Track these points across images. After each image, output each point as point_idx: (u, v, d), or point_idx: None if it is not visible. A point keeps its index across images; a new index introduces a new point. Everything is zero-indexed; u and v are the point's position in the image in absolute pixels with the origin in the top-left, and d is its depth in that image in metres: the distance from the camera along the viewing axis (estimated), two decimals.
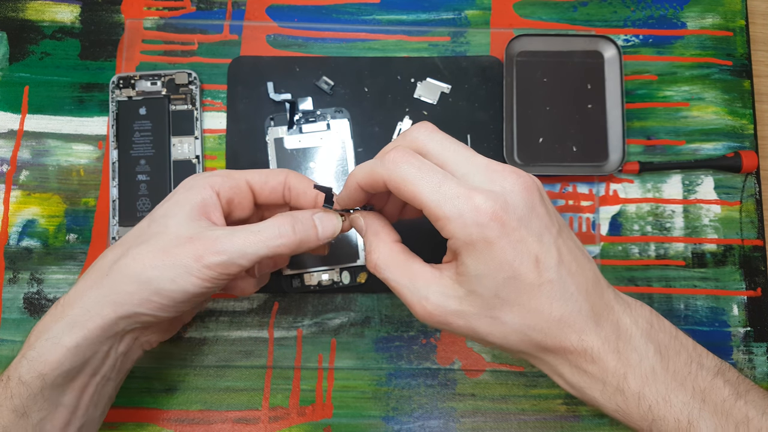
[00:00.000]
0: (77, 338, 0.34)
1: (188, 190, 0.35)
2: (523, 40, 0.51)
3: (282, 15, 0.52)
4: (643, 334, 0.31)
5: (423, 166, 0.31)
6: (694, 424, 0.30)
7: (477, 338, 0.32)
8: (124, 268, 0.34)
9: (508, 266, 0.30)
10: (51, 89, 0.51)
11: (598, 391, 0.31)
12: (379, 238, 0.35)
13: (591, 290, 0.31)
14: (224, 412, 0.47)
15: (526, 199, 0.30)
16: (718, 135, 0.51)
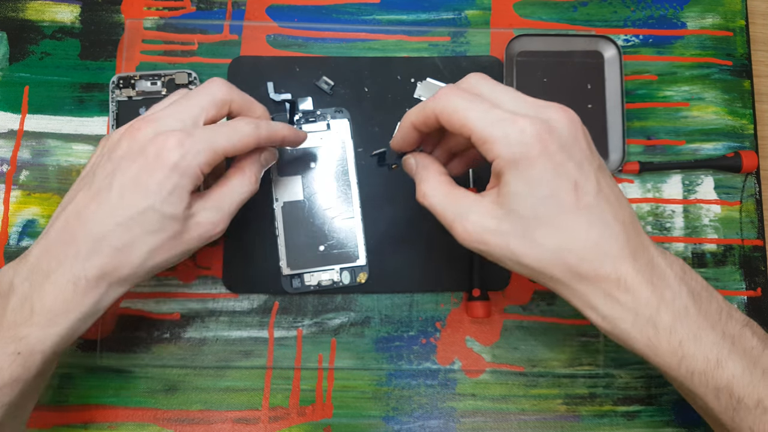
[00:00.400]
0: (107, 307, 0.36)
1: (182, 176, 0.35)
2: (523, 40, 0.51)
3: (282, 15, 0.52)
4: (676, 276, 0.32)
5: (473, 97, 0.33)
6: (723, 364, 0.30)
7: (513, 259, 0.33)
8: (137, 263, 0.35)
9: (547, 185, 0.31)
10: (51, 89, 0.51)
11: (630, 323, 0.31)
12: (428, 170, 0.37)
13: (628, 224, 0.32)
14: (224, 412, 0.47)
15: (569, 129, 0.32)
16: (718, 135, 0.51)
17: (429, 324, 0.48)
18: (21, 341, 0.34)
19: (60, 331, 0.34)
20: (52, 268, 0.34)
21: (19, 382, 0.34)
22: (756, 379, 0.31)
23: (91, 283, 0.35)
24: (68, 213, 0.36)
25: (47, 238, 0.36)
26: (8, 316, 0.34)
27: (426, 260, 0.48)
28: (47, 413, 0.46)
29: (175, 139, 0.34)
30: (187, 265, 0.48)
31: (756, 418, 0.31)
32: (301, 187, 0.48)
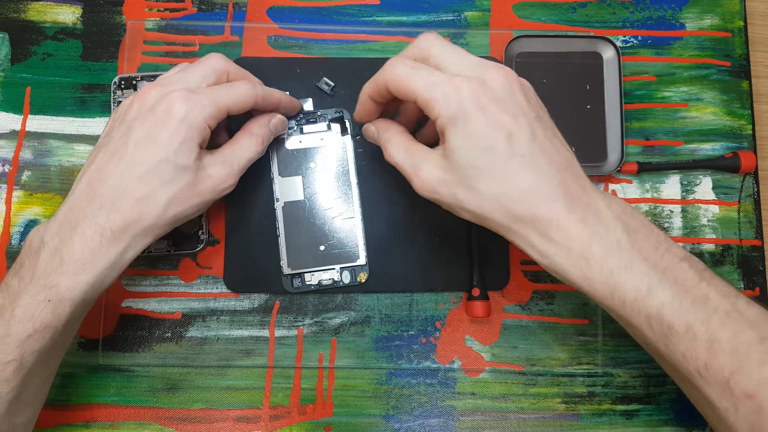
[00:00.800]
0: (131, 259, 0.39)
1: (189, 131, 0.38)
2: (523, 41, 0.51)
3: (283, 16, 0.52)
4: (613, 214, 0.34)
5: (415, 65, 0.36)
6: (653, 293, 0.32)
7: (459, 207, 0.36)
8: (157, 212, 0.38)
9: (483, 138, 0.34)
10: (53, 90, 0.51)
11: (564, 257, 0.34)
12: (390, 131, 0.40)
13: (563, 169, 0.35)
14: (225, 410, 0.47)
15: (503, 85, 0.35)
16: (717, 135, 0.51)
17: (429, 323, 0.48)
18: (51, 289, 0.36)
19: (88, 279, 0.37)
20: (79, 221, 0.37)
21: (50, 329, 0.36)
22: (685, 307, 0.32)
23: (116, 233, 0.37)
24: (90, 173, 0.38)
25: (72, 198, 0.38)
26: (39, 267, 0.36)
27: (426, 260, 0.48)
28: (49, 412, 0.46)
29: (182, 96, 0.38)
30: (188, 264, 0.49)
31: (687, 344, 0.32)
32: (302, 187, 0.49)
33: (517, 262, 0.49)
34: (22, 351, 0.35)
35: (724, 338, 0.31)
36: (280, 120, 0.45)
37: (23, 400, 0.37)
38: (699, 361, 0.32)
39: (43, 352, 0.36)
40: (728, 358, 0.31)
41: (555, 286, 0.49)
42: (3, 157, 0.50)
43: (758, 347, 0.31)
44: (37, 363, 0.36)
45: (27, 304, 0.35)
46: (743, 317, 0.32)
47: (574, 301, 0.49)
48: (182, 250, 0.48)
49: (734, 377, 0.31)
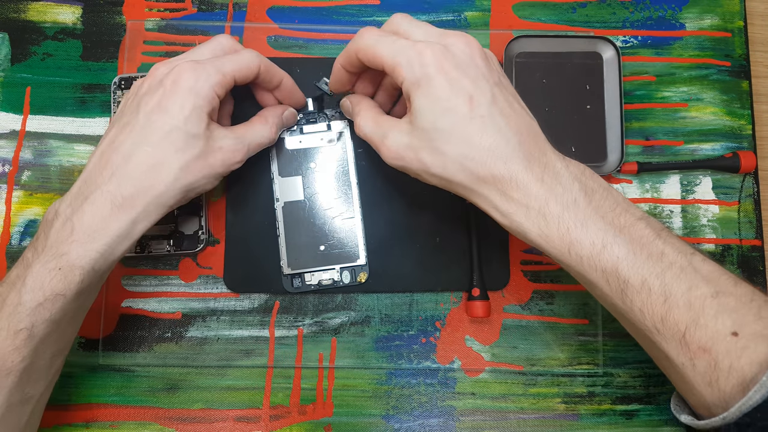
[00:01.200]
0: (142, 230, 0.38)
1: (197, 99, 0.38)
2: (522, 42, 0.51)
3: (283, 16, 0.52)
4: (571, 175, 0.35)
5: (382, 33, 0.38)
6: (608, 248, 0.33)
7: (425, 170, 0.37)
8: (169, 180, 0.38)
9: (445, 100, 0.35)
10: (53, 90, 0.51)
11: (523, 215, 0.35)
12: (360, 105, 0.42)
13: (523, 132, 0.36)
14: (225, 410, 0.47)
15: (464, 51, 0.36)
16: (717, 135, 0.51)
17: (429, 323, 0.48)
18: (62, 257, 0.36)
19: (98, 248, 0.37)
20: (91, 190, 0.38)
21: (60, 298, 0.36)
22: (641, 261, 0.33)
23: (127, 200, 0.37)
24: (103, 146, 0.39)
25: (86, 171, 0.39)
26: (51, 237, 0.37)
27: (426, 260, 0.48)
28: (49, 412, 0.46)
29: (188, 67, 0.39)
30: (188, 264, 0.49)
31: (643, 298, 0.33)
32: (302, 187, 0.49)
33: (517, 262, 0.49)
34: (32, 319, 0.35)
35: (679, 292, 0.32)
36: (291, 113, 0.47)
37: (35, 371, 0.37)
38: (655, 316, 0.32)
39: (54, 321, 0.36)
40: (683, 312, 0.32)
41: (555, 286, 0.49)
42: (3, 157, 0.50)
43: (712, 301, 0.31)
44: (48, 333, 0.36)
45: (38, 273, 0.35)
46: (698, 272, 0.32)
47: (574, 301, 0.49)
48: (182, 250, 0.48)
49: (689, 331, 0.32)
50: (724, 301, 0.32)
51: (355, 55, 0.39)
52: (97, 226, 0.37)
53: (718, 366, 0.31)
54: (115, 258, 0.38)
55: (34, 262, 0.36)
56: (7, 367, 0.35)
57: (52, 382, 0.40)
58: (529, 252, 0.50)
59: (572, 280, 0.49)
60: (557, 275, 0.49)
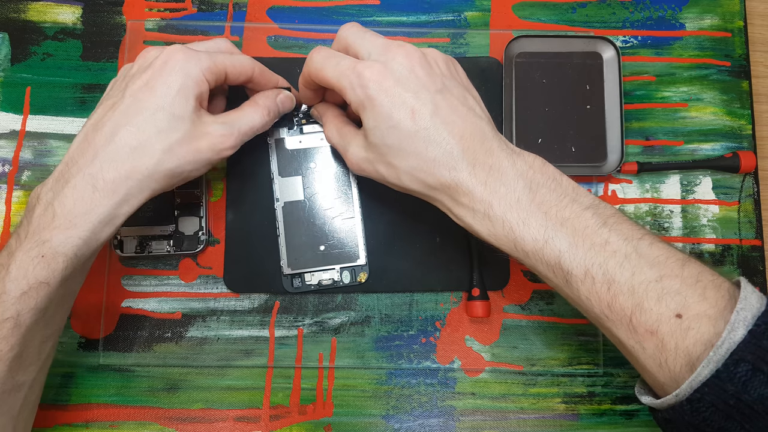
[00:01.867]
0: (125, 216, 0.38)
1: (186, 80, 0.38)
2: (523, 42, 0.51)
3: (283, 16, 0.52)
4: (517, 173, 0.36)
5: (328, 54, 0.39)
6: (550, 242, 0.34)
7: (383, 181, 0.39)
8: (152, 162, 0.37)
9: (388, 118, 0.36)
10: (53, 90, 0.51)
11: (471, 218, 0.36)
12: (327, 114, 0.44)
13: (467, 137, 0.36)
14: (225, 410, 0.47)
15: (403, 64, 0.37)
16: (717, 135, 0.51)
17: (429, 323, 0.48)
18: (44, 244, 0.35)
19: (81, 234, 0.36)
20: (73, 174, 0.37)
21: (44, 286, 0.35)
22: (582, 252, 0.34)
23: (109, 184, 0.37)
24: (87, 127, 0.39)
25: (69, 153, 0.38)
26: (33, 223, 0.36)
27: (426, 260, 0.48)
28: (49, 412, 0.46)
29: (180, 49, 0.39)
30: (188, 264, 0.49)
31: (588, 287, 0.34)
32: (302, 188, 0.49)
33: (517, 262, 0.49)
34: (18, 308, 0.35)
35: (622, 279, 0.33)
36: (287, 96, 0.45)
37: (25, 359, 0.37)
38: (602, 303, 0.33)
39: (39, 309, 0.36)
40: (627, 297, 0.33)
41: None
42: (3, 157, 0.50)
43: (656, 285, 0.32)
44: (35, 321, 0.36)
45: (21, 261, 0.35)
46: (643, 258, 0.33)
47: None
48: (182, 251, 0.48)
49: (635, 315, 0.32)
50: (668, 284, 0.32)
51: (309, 76, 0.41)
52: (79, 212, 0.36)
53: (665, 347, 0.32)
54: (99, 243, 0.37)
55: (17, 249, 0.36)
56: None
57: (45, 366, 0.40)
58: None
59: None
60: None
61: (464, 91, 0.39)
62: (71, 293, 0.40)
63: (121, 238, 0.48)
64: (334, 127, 0.42)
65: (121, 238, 0.48)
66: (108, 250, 0.48)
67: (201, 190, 0.49)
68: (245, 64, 0.42)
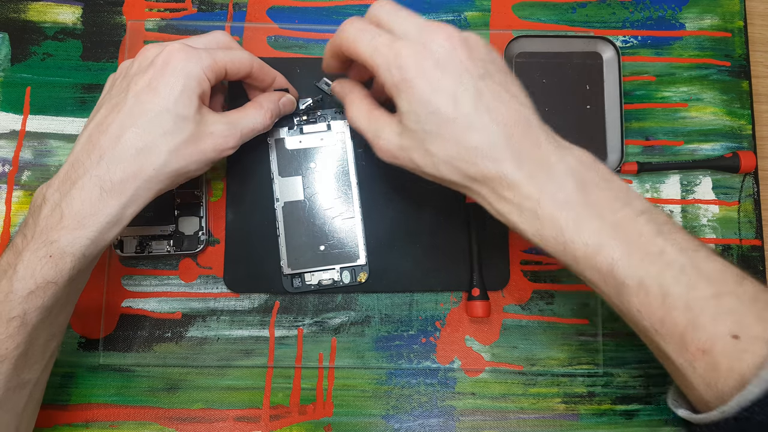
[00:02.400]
0: (132, 215, 0.38)
1: (189, 81, 0.38)
2: (522, 42, 0.51)
3: (283, 16, 0.52)
4: (566, 169, 0.33)
5: (362, 26, 0.37)
6: (603, 249, 0.32)
7: (418, 170, 0.37)
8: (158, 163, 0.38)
9: (427, 102, 0.34)
10: (53, 90, 0.51)
11: (517, 215, 0.34)
12: (353, 94, 0.41)
13: (512, 125, 0.34)
14: (225, 410, 0.47)
15: (444, 46, 0.34)
16: (717, 135, 0.51)
17: (429, 323, 0.48)
18: (52, 245, 0.36)
19: (89, 234, 0.36)
20: (79, 175, 0.37)
21: (51, 285, 0.36)
22: (637, 262, 0.32)
23: (116, 185, 0.37)
24: (90, 128, 0.39)
25: (73, 154, 0.38)
26: (40, 223, 0.36)
27: (426, 260, 0.48)
28: (49, 412, 0.46)
29: (180, 48, 0.39)
30: (188, 264, 0.49)
31: (641, 299, 0.32)
32: (302, 187, 0.49)
33: (517, 262, 0.49)
34: (24, 307, 0.35)
35: (678, 293, 0.31)
36: (289, 99, 0.46)
37: (30, 357, 0.37)
38: (654, 317, 0.32)
39: (46, 308, 0.36)
40: (682, 313, 0.31)
41: (555, 286, 0.49)
42: (3, 157, 0.50)
43: (712, 302, 0.31)
44: (41, 320, 0.36)
45: (29, 261, 0.35)
46: (700, 272, 0.31)
47: (574, 300, 0.49)
48: (182, 251, 0.48)
49: (688, 332, 0.31)
50: (725, 301, 0.31)
51: (339, 47, 0.39)
52: (87, 212, 0.36)
53: (717, 368, 0.30)
54: (106, 243, 0.38)
55: (25, 249, 0.36)
56: (2, 354, 0.35)
57: (49, 365, 0.40)
58: (529, 252, 0.50)
59: (572, 280, 0.49)
60: (557, 275, 0.49)
61: (506, 76, 0.36)
62: (76, 291, 0.40)
63: (121, 238, 0.48)
64: (361, 109, 0.39)
65: (121, 238, 0.48)
66: (108, 250, 0.48)
67: (201, 190, 0.49)
68: (244, 59, 0.42)
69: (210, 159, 0.40)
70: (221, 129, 0.40)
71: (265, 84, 0.45)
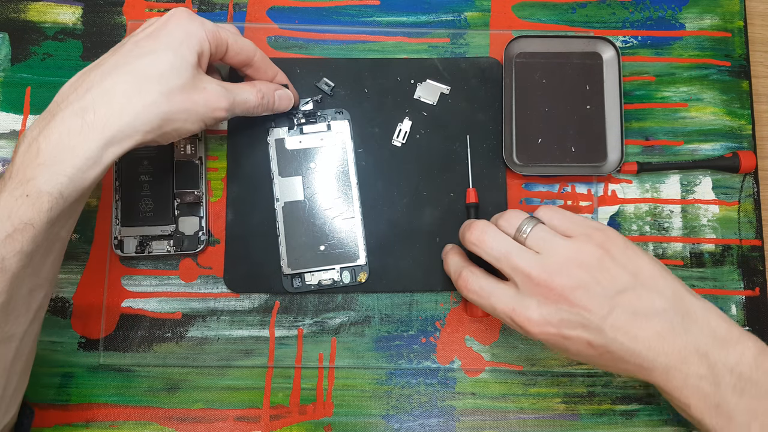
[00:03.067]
0: (113, 157, 0.36)
1: (189, 36, 0.39)
2: (522, 42, 0.51)
3: (283, 17, 0.52)
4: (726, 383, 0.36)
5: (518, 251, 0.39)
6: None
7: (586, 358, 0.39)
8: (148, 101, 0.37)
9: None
10: (53, 90, 0.50)
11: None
12: (473, 268, 0.42)
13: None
14: (225, 410, 0.47)
15: (623, 240, 0.38)
16: (717, 135, 0.51)
17: (429, 323, 0.48)
18: (29, 183, 0.34)
19: (66, 170, 0.34)
20: (61, 108, 0.35)
21: (29, 227, 0.34)
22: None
23: (99, 118, 0.35)
24: (84, 69, 0.38)
25: (60, 91, 0.37)
26: (17, 161, 0.35)
27: (426, 260, 0.48)
28: (49, 412, 0.46)
29: (185, 10, 0.40)
30: (188, 264, 0.49)
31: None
32: (302, 188, 0.49)
33: None
34: (2, 252, 0.33)
35: None
36: (285, 93, 0.46)
37: (14, 309, 0.35)
38: None
39: (25, 253, 0.34)
40: None
41: None
42: (3, 157, 0.50)
43: None
44: (21, 266, 0.34)
45: (5, 202, 0.33)
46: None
47: None
48: (183, 251, 0.48)
49: None
50: None
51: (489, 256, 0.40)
52: (65, 146, 0.34)
53: None
54: (85, 185, 0.36)
55: (2, 191, 0.34)
56: None
57: (37, 319, 0.38)
58: None
59: None
60: None
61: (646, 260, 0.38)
62: (59, 240, 0.38)
63: (121, 238, 0.48)
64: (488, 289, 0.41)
65: (121, 238, 0.48)
66: (108, 250, 0.48)
67: (201, 190, 0.49)
68: (248, 44, 0.42)
69: (201, 115, 0.39)
70: (215, 87, 0.40)
71: (266, 78, 0.45)
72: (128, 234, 0.48)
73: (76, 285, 0.48)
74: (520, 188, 0.50)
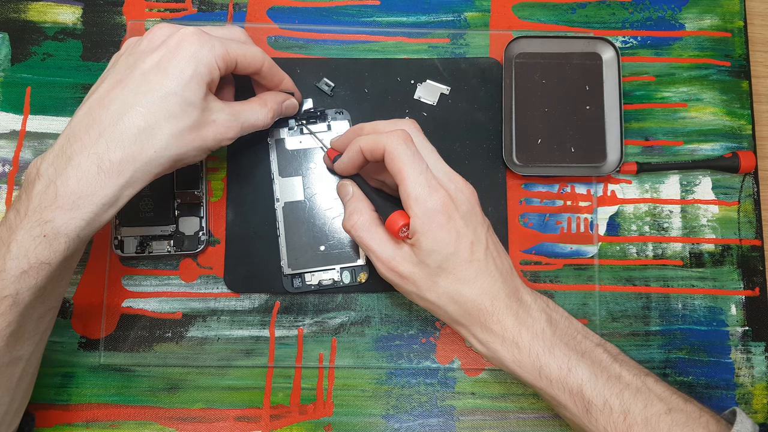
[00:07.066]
0: (127, 198, 0.38)
1: (198, 66, 0.38)
2: (522, 42, 0.51)
3: (283, 17, 0.52)
4: (539, 308, 0.40)
5: (416, 153, 0.39)
6: (573, 371, 0.37)
7: (418, 296, 0.41)
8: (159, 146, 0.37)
9: (451, 245, 0.39)
10: (53, 90, 0.51)
11: (500, 344, 0.39)
12: (363, 204, 0.43)
13: (506, 274, 0.40)
14: (226, 410, 0.47)
15: (470, 201, 0.40)
16: (716, 135, 0.51)
17: (429, 323, 0.48)
18: (46, 224, 0.35)
19: (84, 215, 0.35)
20: (76, 151, 0.36)
21: (45, 266, 0.35)
22: (601, 383, 0.37)
23: (115, 166, 0.36)
24: (91, 101, 0.38)
25: (71, 127, 0.37)
26: (34, 200, 0.35)
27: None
28: (50, 412, 0.46)
29: (194, 32, 0.39)
30: (188, 265, 0.49)
31: (606, 417, 0.37)
32: (302, 188, 0.49)
33: (516, 262, 0.49)
34: (17, 287, 0.34)
35: (637, 410, 0.36)
36: (292, 103, 0.46)
37: (23, 334, 0.37)
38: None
39: (39, 287, 0.35)
40: (641, 428, 0.36)
41: (555, 286, 0.49)
42: (3, 157, 0.50)
43: (666, 417, 0.36)
44: (34, 299, 0.36)
45: (22, 240, 0.34)
46: (652, 392, 0.37)
47: (573, 301, 0.49)
48: (183, 251, 0.48)
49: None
50: (676, 417, 0.36)
51: (382, 152, 0.40)
52: (83, 192, 0.35)
53: None
54: (101, 224, 0.37)
55: (18, 227, 0.35)
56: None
57: (43, 339, 0.40)
58: (528, 252, 0.50)
59: (572, 281, 0.49)
60: (557, 275, 0.49)
61: (493, 233, 0.42)
62: (69, 269, 0.39)
63: (121, 238, 0.48)
64: (368, 224, 0.41)
65: (121, 238, 0.48)
66: (108, 250, 0.49)
67: (201, 190, 0.49)
68: (256, 56, 0.42)
69: (209, 147, 0.40)
70: (224, 118, 0.40)
71: (273, 84, 0.45)
72: (128, 234, 0.48)
73: (77, 285, 0.48)
74: (520, 188, 0.50)
